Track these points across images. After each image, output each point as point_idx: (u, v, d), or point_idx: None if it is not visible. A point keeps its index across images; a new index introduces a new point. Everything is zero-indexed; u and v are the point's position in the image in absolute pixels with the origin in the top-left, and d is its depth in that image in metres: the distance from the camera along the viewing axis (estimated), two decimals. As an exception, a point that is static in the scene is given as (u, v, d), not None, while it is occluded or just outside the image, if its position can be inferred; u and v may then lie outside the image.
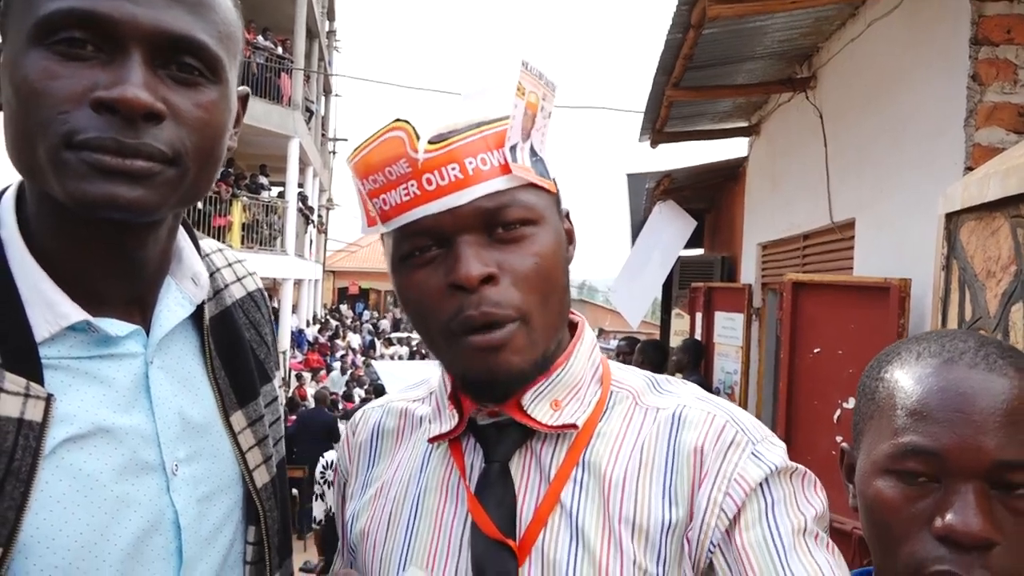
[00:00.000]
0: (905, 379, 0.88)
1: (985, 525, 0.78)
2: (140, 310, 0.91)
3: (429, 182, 0.84)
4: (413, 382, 1.11)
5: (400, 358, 22.10)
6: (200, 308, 0.97)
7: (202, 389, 0.95)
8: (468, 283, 0.82)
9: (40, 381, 0.79)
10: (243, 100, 0.96)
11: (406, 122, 0.85)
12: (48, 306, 0.82)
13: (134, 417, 0.86)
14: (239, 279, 1.09)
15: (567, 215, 0.97)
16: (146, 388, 0.88)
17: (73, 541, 0.79)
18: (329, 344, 21.15)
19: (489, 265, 0.84)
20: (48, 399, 0.78)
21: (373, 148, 0.87)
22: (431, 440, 0.95)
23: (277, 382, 1.10)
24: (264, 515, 0.97)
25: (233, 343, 1.01)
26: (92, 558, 0.80)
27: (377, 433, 1.06)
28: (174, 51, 0.79)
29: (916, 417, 0.84)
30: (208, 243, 1.08)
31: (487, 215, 0.85)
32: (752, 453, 0.85)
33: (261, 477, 0.98)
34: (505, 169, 0.86)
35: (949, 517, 0.80)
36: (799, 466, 0.87)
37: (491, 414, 0.92)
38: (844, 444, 0.99)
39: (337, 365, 18.90)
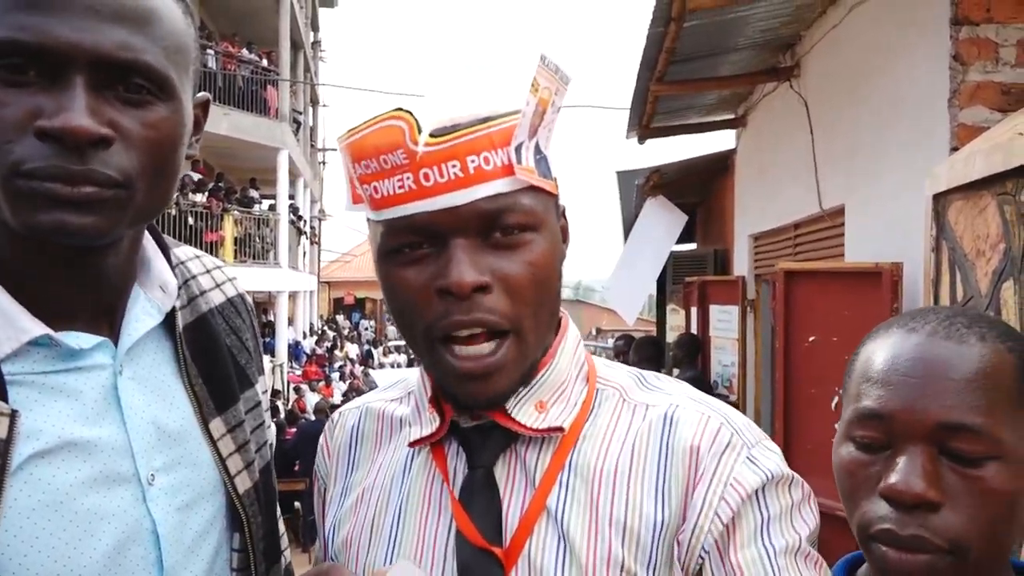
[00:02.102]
0: (873, 352, 0.89)
1: (923, 485, 0.79)
2: (108, 321, 0.89)
3: (427, 177, 0.80)
4: (390, 382, 1.08)
5: (398, 366, 22.09)
6: (173, 316, 0.95)
7: (177, 397, 0.94)
8: (460, 291, 0.79)
9: (4, 398, 0.78)
10: (203, 106, 0.95)
11: (408, 112, 0.81)
12: (8, 322, 0.80)
13: (104, 429, 0.85)
14: (218, 285, 1.07)
15: (563, 212, 0.94)
16: (116, 399, 0.87)
17: (46, 556, 0.78)
18: (327, 355, 21.11)
19: (483, 272, 0.80)
20: (13, 415, 0.77)
21: (369, 133, 0.82)
22: (412, 444, 0.92)
23: (260, 387, 1.09)
24: (248, 521, 0.96)
25: (210, 349, 0.99)
26: (67, 572, 0.79)
27: (356, 437, 1.03)
28: (119, 73, 0.78)
29: (870, 384, 0.86)
30: (184, 251, 1.06)
31: (486, 218, 0.81)
32: (747, 458, 0.83)
33: (243, 483, 0.97)
34: (508, 170, 0.81)
35: (891, 477, 0.81)
36: (795, 476, 0.86)
37: (474, 417, 0.89)
38: (837, 424, 0.99)
39: (336, 376, 18.86)
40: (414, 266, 0.83)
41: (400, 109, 0.82)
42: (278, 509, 1.08)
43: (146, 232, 0.95)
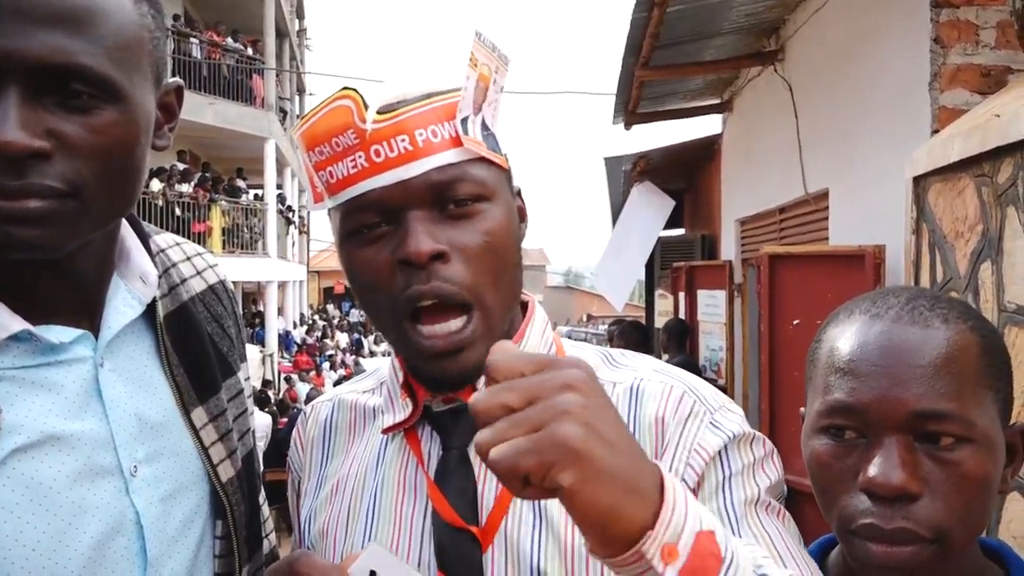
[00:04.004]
0: (837, 338, 0.88)
1: (904, 476, 0.78)
2: (88, 314, 0.89)
3: (377, 154, 0.82)
4: (363, 374, 1.09)
5: (388, 354, 22.06)
6: (153, 306, 0.95)
7: (159, 388, 0.94)
8: (418, 259, 0.80)
9: None
10: (177, 92, 0.93)
11: (354, 90, 0.83)
12: None
13: (86, 422, 0.85)
14: (199, 272, 1.07)
15: (519, 193, 0.95)
16: (97, 392, 0.87)
17: (30, 550, 0.78)
18: (318, 345, 21.09)
19: (440, 242, 0.82)
20: None
21: (320, 117, 0.85)
22: (385, 431, 0.93)
23: (243, 374, 1.09)
24: (231, 509, 0.96)
25: (191, 338, 0.99)
26: (52, 565, 0.79)
27: (329, 428, 1.04)
28: (56, 79, 0.74)
29: (839, 374, 0.84)
30: (164, 238, 1.05)
31: (438, 189, 0.83)
32: (711, 422, 0.85)
33: (226, 472, 0.97)
34: (456, 142, 0.83)
35: (870, 470, 0.80)
36: (757, 433, 0.87)
37: (446, 400, 0.90)
38: (802, 409, 0.99)
39: (326, 365, 18.85)
40: (373, 245, 0.85)
41: (346, 88, 0.83)
42: (261, 495, 1.09)
43: (124, 223, 0.95)
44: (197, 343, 1.00)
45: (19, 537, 0.78)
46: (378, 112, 0.82)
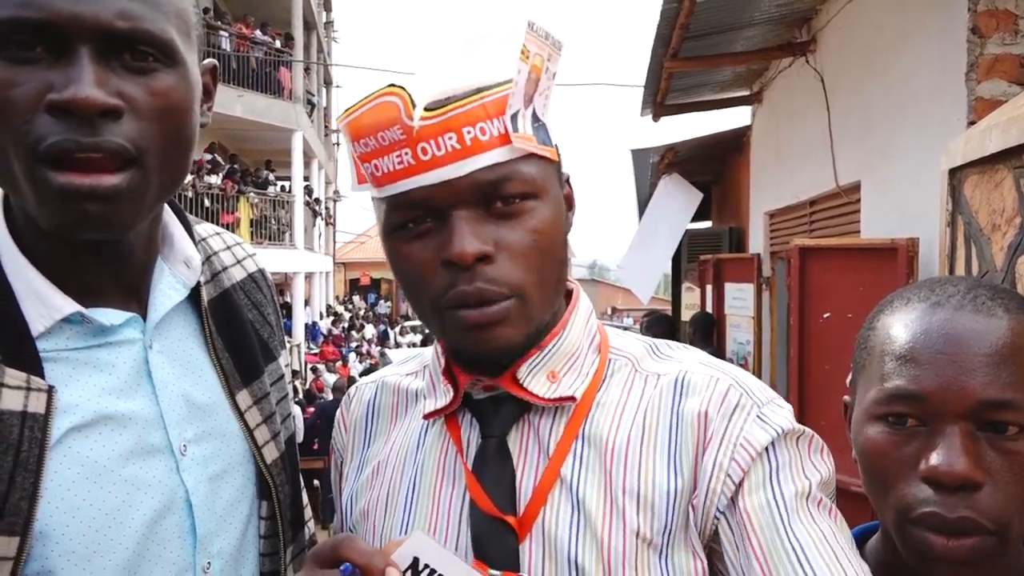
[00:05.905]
0: (893, 325, 0.87)
1: (968, 465, 0.77)
2: (136, 297, 0.92)
3: (424, 151, 0.80)
4: (406, 357, 1.09)
5: (413, 345, 22.20)
6: (197, 291, 0.98)
7: (205, 370, 0.96)
8: (462, 261, 0.79)
9: (40, 374, 0.81)
10: (212, 72, 0.96)
11: (401, 88, 0.81)
12: (41, 300, 0.83)
13: (137, 402, 0.88)
14: (239, 261, 1.10)
15: (567, 180, 0.93)
16: (147, 373, 0.89)
17: (87, 526, 0.81)
18: (344, 335, 21.25)
19: (486, 242, 0.80)
20: (50, 391, 0.80)
21: (365, 111, 0.83)
22: (426, 417, 0.93)
23: (283, 360, 1.11)
24: (275, 490, 0.99)
25: (234, 324, 1.01)
26: (107, 541, 0.82)
27: (372, 410, 1.04)
28: (123, 42, 0.78)
29: (901, 361, 0.83)
30: (204, 227, 1.08)
31: (485, 188, 0.81)
32: (758, 416, 0.83)
33: (270, 453, 1.00)
34: (505, 139, 0.81)
35: (933, 458, 0.79)
36: (806, 429, 0.85)
37: (486, 388, 0.90)
38: (846, 398, 0.98)
39: (352, 356, 18.99)
40: (418, 241, 0.84)
41: (393, 85, 0.82)
42: (301, 478, 1.12)
43: (167, 208, 0.98)
44: (240, 329, 1.02)
45: (76, 514, 0.81)
46: (426, 109, 0.80)
